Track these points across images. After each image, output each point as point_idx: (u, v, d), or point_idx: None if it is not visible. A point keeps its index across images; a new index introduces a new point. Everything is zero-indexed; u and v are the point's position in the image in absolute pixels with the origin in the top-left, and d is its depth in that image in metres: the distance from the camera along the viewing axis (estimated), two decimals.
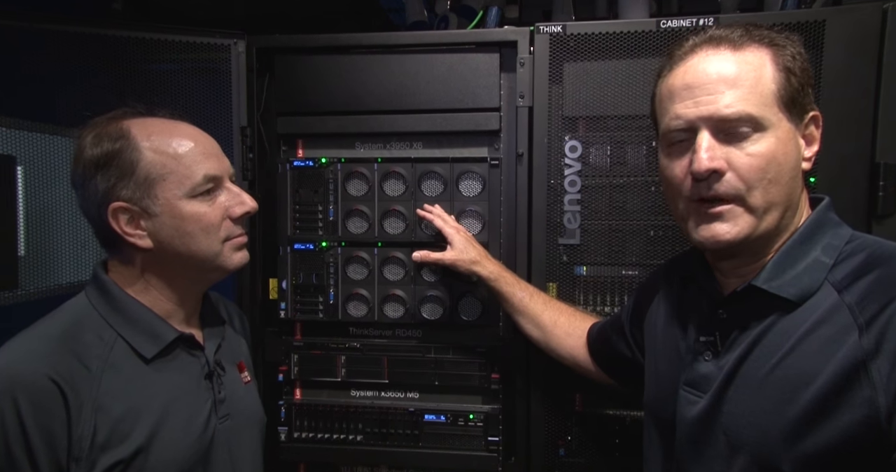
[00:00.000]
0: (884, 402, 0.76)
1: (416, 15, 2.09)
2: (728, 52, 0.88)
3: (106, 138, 0.99)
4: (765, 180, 0.86)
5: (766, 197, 0.86)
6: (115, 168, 0.97)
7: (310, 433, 1.61)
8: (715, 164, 0.86)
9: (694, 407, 0.93)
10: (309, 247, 1.58)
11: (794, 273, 0.87)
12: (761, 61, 0.87)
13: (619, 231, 1.46)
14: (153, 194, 0.99)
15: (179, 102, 1.48)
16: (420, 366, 1.57)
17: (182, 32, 1.50)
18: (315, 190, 1.57)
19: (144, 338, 1.01)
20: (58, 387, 0.89)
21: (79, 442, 0.89)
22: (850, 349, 0.79)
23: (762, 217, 0.87)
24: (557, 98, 1.45)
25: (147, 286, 1.04)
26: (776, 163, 0.86)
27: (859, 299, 0.82)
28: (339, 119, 1.56)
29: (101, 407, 0.92)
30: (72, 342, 0.94)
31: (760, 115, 0.85)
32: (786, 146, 0.87)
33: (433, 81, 1.52)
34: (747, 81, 0.86)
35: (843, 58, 1.33)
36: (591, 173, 1.45)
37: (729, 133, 0.87)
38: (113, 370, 0.96)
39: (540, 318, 1.38)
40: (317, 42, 1.55)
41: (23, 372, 0.88)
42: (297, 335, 1.63)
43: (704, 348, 0.94)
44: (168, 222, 1.00)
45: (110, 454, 0.92)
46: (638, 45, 1.40)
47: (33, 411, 0.87)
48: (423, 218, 1.50)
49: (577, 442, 1.51)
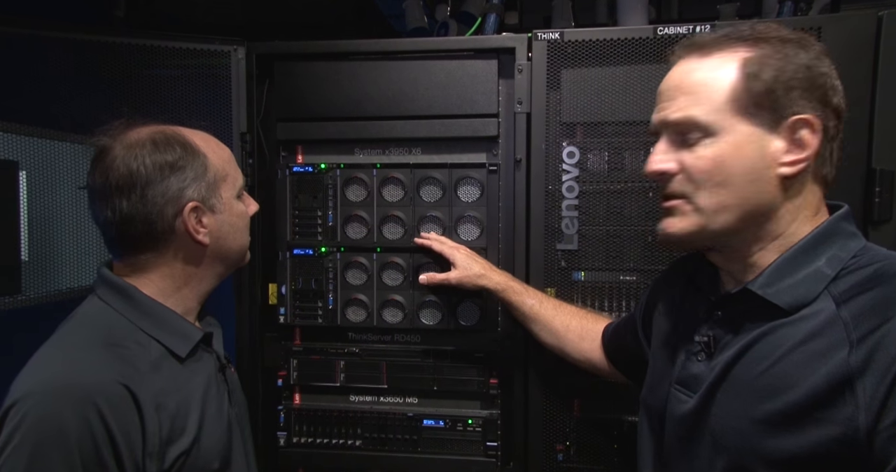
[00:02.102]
0: (864, 421, 0.76)
1: (416, 21, 2.11)
2: (695, 58, 0.91)
3: (175, 144, 1.06)
4: (711, 183, 0.88)
5: (714, 199, 0.88)
6: (191, 170, 1.06)
7: (309, 438, 1.62)
8: (658, 166, 0.92)
9: (683, 406, 0.94)
10: (308, 252, 1.59)
11: (792, 281, 0.87)
12: (723, 66, 0.88)
13: (617, 237, 1.46)
14: (218, 194, 1.09)
15: (182, 108, 1.50)
16: (419, 371, 1.58)
17: (182, 39, 1.51)
18: (314, 195, 1.58)
19: (177, 339, 1.06)
20: (129, 391, 0.93)
21: (151, 439, 0.94)
22: (836, 365, 0.79)
23: (711, 217, 0.89)
24: (555, 104, 1.46)
25: (180, 285, 1.09)
26: (724, 166, 0.87)
27: (855, 315, 0.81)
28: (338, 125, 1.57)
29: (160, 405, 0.97)
30: (118, 348, 0.98)
31: (707, 120, 0.87)
32: (739, 151, 0.87)
33: (432, 87, 1.53)
34: (700, 87, 0.89)
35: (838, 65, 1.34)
36: (589, 179, 1.46)
37: (683, 137, 0.90)
38: (157, 371, 1.00)
39: (552, 324, 1.38)
40: (316, 48, 1.56)
41: (98, 381, 0.92)
42: (296, 340, 1.63)
43: (698, 348, 0.95)
44: (227, 219, 1.11)
45: (174, 446, 0.98)
46: (635, 52, 1.41)
47: (114, 416, 0.90)
48: (421, 246, 1.51)
49: (575, 448, 1.51)
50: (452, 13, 2.14)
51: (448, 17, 2.14)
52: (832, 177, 0.91)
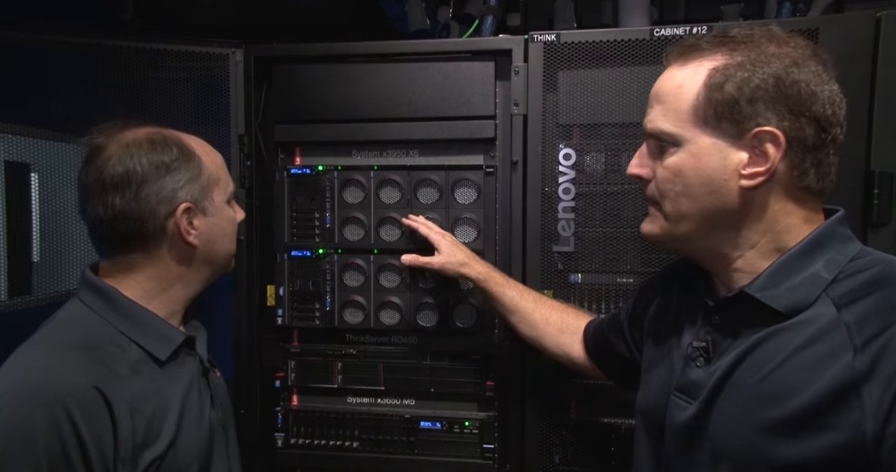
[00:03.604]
0: (871, 427, 0.75)
1: (418, 23, 2.11)
2: (676, 66, 0.92)
3: (175, 145, 1.08)
4: (672, 192, 0.91)
5: (675, 207, 0.91)
6: (186, 171, 1.07)
7: (306, 439, 1.62)
8: (634, 171, 0.97)
9: (683, 413, 0.93)
10: (306, 254, 1.59)
11: (790, 285, 0.86)
12: (691, 77, 0.88)
13: (613, 239, 1.46)
14: (210, 197, 1.10)
15: (182, 110, 1.51)
16: (416, 373, 1.58)
17: (180, 42, 1.52)
18: (312, 197, 1.59)
19: (158, 342, 1.05)
20: (101, 394, 0.92)
21: (123, 444, 0.94)
22: (841, 370, 0.78)
23: (675, 224, 0.93)
24: (552, 106, 1.46)
25: (165, 287, 1.09)
26: (683, 177, 0.89)
27: (859, 319, 0.80)
28: (335, 127, 1.58)
29: (135, 409, 0.96)
30: (95, 351, 0.98)
31: (672, 131, 0.89)
32: (698, 161, 0.88)
33: (429, 89, 1.53)
34: (668, 97, 0.91)
35: (836, 66, 1.33)
36: (585, 181, 1.46)
37: (657, 145, 0.93)
38: (136, 375, 1.00)
39: (531, 316, 1.38)
40: (313, 51, 1.57)
41: (69, 384, 0.91)
42: (294, 342, 1.64)
43: (697, 353, 0.94)
44: (216, 223, 1.12)
45: (148, 451, 0.97)
46: (632, 54, 1.40)
47: (85, 420, 0.90)
48: (408, 226, 1.51)
49: (572, 450, 1.51)
50: (454, 15, 2.14)
51: (450, 19, 2.14)
52: (823, 185, 0.88)
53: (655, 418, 1.00)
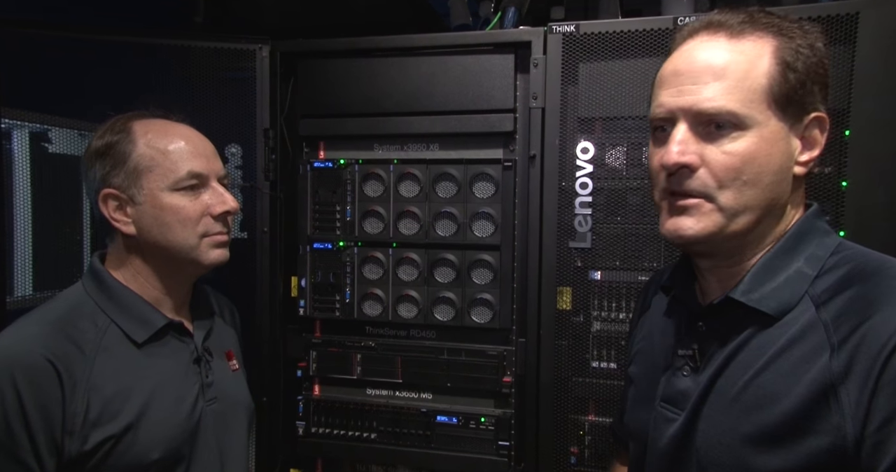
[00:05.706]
0: (851, 431, 0.71)
1: (460, 18, 2.11)
2: (724, 39, 0.81)
3: (110, 132, 1.09)
4: (739, 181, 0.79)
5: (740, 199, 0.80)
6: (111, 157, 1.07)
7: (327, 428, 1.65)
8: (684, 159, 0.80)
9: (671, 425, 0.88)
10: (327, 246, 1.62)
11: (774, 285, 0.81)
12: (758, 52, 0.80)
13: (632, 235, 1.41)
14: (139, 184, 1.07)
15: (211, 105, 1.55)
16: (433, 367, 1.58)
17: (210, 39, 1.56)
18: (333, 190, 1.61)
19: (136, 324, 1.07)
20: (53, 366, 0.96)
21: (72, 418, 0.96)
22: (819, 372, 0.74)
23: (732, 219, 0.80)
24: (573, 99, 1.42)
25: (135, 273, 1.11)
26: (755, 164, 0.79)
27: (835, 317, 0.76)
28: (358, 121, 1.59)
29: (93, 387, 0.99)
30: (67, 327, 1.01)
31: (743, 112, 0.78)
32: (770, 147, 0.79)
33: (449, 82, 1.53)
34: (736, 74, 0.79)
35: (878, 54, 1.24)
36: (604, 175, 1.41)
37: (708, 127, 0.80)
38: (106, 354, 1.03)
39: None
40: (337, 46, 1.58)
41: (19, 352, 0.96)
42: (316, 333, 1.67)
43: (683, 362, 0.89)
44: (149, 212, 1.08)
45: (101, 430, 0.99)
46: (654, 44, 1.35)
47: (30, 388, 0.94)
48: None
49: (589, 451, 1.47)
50: (495, 10, 2.12)
51: (490, 14, 2.12)
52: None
53: (642, 431, 0.95)
